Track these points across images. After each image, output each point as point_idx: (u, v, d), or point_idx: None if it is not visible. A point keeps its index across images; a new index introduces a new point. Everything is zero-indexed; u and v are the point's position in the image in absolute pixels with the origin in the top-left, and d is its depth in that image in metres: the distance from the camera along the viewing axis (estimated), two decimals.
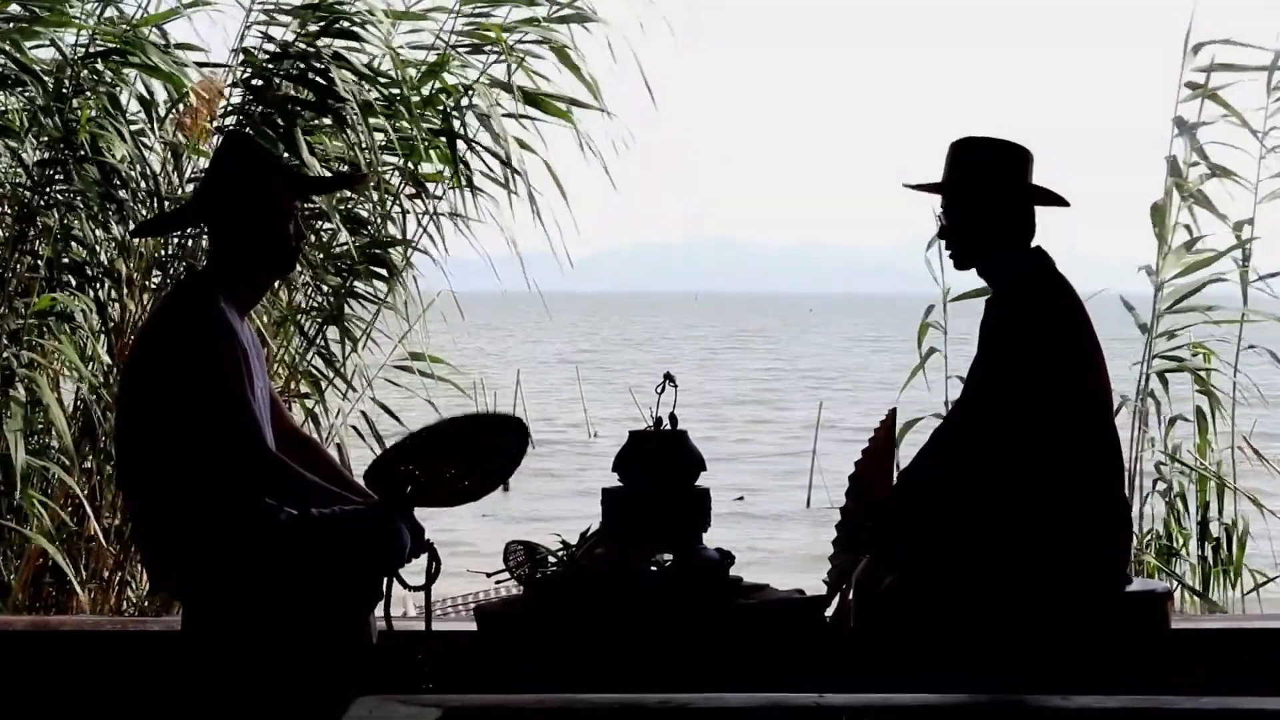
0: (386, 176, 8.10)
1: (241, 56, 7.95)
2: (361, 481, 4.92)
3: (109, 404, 7.49)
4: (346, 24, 7.88)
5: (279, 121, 7.73)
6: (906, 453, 5.23)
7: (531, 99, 8.14)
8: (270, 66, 7.88)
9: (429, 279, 8.29)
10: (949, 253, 5.05)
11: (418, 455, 4.84)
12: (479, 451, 4.91)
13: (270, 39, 7.92)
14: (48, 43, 7.75)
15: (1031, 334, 4.86)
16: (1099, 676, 4.82)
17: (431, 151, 8.09)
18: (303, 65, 7.83)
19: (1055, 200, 5.00)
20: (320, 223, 7.96)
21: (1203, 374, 8.61)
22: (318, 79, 7.77)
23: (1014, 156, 4.97)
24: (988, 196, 4.95)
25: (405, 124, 8.01)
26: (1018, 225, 4.98)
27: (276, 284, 7.35)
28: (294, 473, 4.70)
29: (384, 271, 8.15)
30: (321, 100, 7.77)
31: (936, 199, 5.07)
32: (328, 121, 7.84)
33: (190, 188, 7.73)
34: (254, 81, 7.91)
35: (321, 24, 7.89)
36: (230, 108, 7.90)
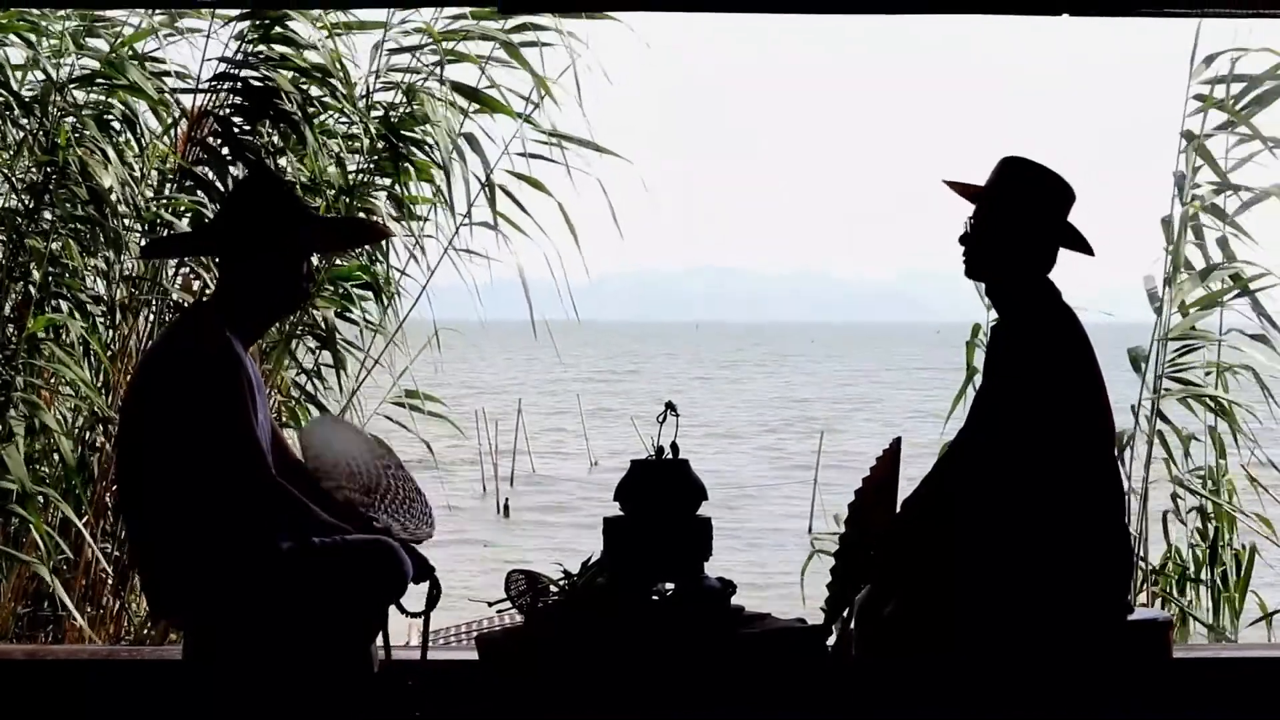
0: (371, 197, 8.11)
1: (218, 75, 7.96)
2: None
3: (106, 429, 7.48)
4: (281, 29, 7.89)
5: (253, 140, 7.78)
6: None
7: (471, 94, 8.14)
8: (241, 84, 7.90)
9: (420, 304, 8.29)
10: (964, 260, 5.06)
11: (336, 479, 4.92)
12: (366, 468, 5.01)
13: (225, 60, 7.94)
14: (30, 64, 7.77)
15: (1037, 365, 4.86)
16: (1101, 706, 4.81)
17: (415, 170, 8.10)
18: (254, 75, 7.87)
19: (1083, 247, 5.03)
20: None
21: (1209, 400, 8.54)
22: (266, 83, 7.81)
23: (1058, 191, 5.00)
24: (1023, 221, 4.96)
25: (388, 141, 8.03)
26: (1040, 257, 5.00)
27: None
28: (296, 502, 4.70)
29: (370, 294, 8.15)
30: (264, 105, 7.79)
31: (938, 222, 5.09)
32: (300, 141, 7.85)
33: (172, 209, 7.74)
34: (243, 103, 7.93)
35: (261, 30, 7.90)
36: (210, 131, 7.91)
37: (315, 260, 7.81)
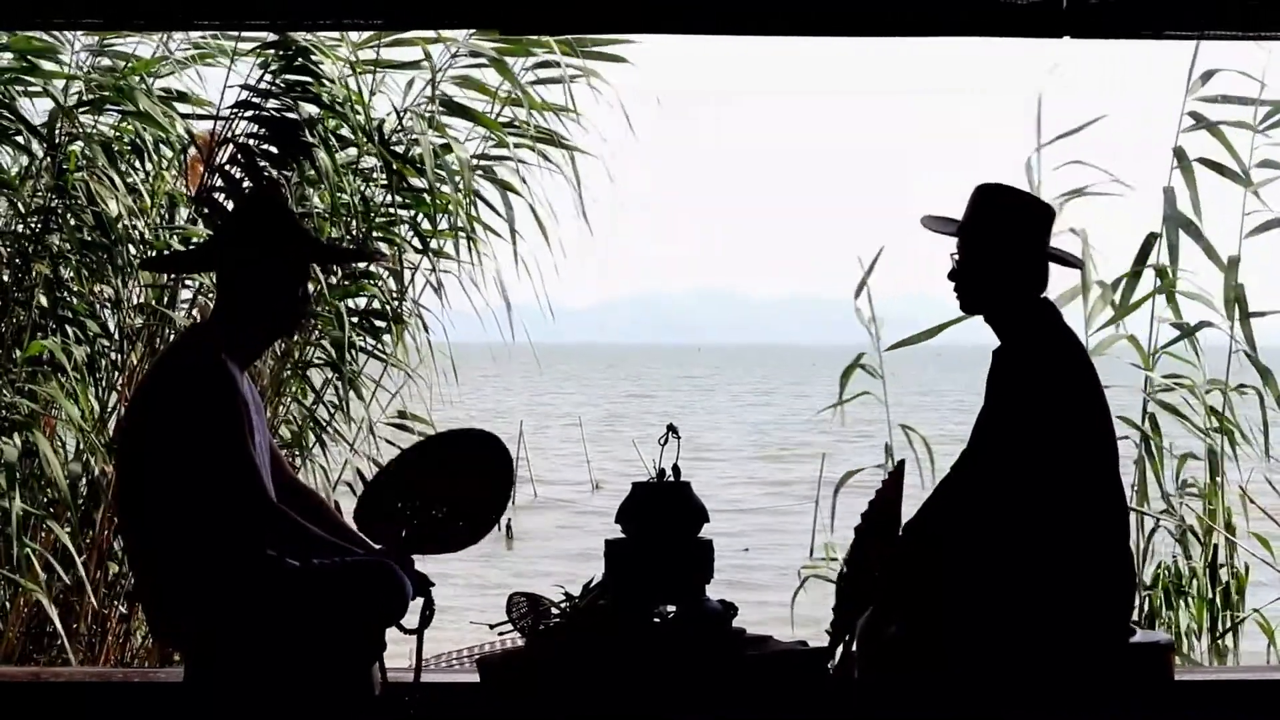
0: (394, 229, 8.12)
1: (238, 103, 7.97)
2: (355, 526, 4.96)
3: (105, 455, 7.47)
4: (302, 60, 7.90)
5: (272, 170, 7.78)
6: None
7: (458, 109, 8.16)
8: (261, 113, 7.91)
9: (431, 329, 8.30)
10: (956, 295, 5.06)
11: (404, 487, 4.92)
12: (462, 479, 4.99)
13: (247, 87, 7.94)
14: (41, 91, 7.77)
15: (1039, 387, 4.86)
16: None
17: (435, 202, 8.10)
18: (273, 104, 7.87)
19: (1069, 260, 5.03)
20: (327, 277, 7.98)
21: (1215, 415, 8.54)
22: (285, 114, 7.82)
23: (1036, 211, 4.99)
24: (1005, 249, 4.96)
25: (415, 180, 8.04)
26: (1030, 279, 4.99)
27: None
28: (295, 524, 4.70)
29: (384, 324, 8.15)
30: (284, 135, 7.80)
31: (933, 246, 5.09)
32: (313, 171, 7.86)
33: (182, 237, 7.74)
34: (261, 131, 7.93)
35: (282, 61, 7.91)
36: (226, 158, 7.91)
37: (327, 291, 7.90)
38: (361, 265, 8.07)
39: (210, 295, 7.69)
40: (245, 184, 7.85)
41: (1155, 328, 8.55)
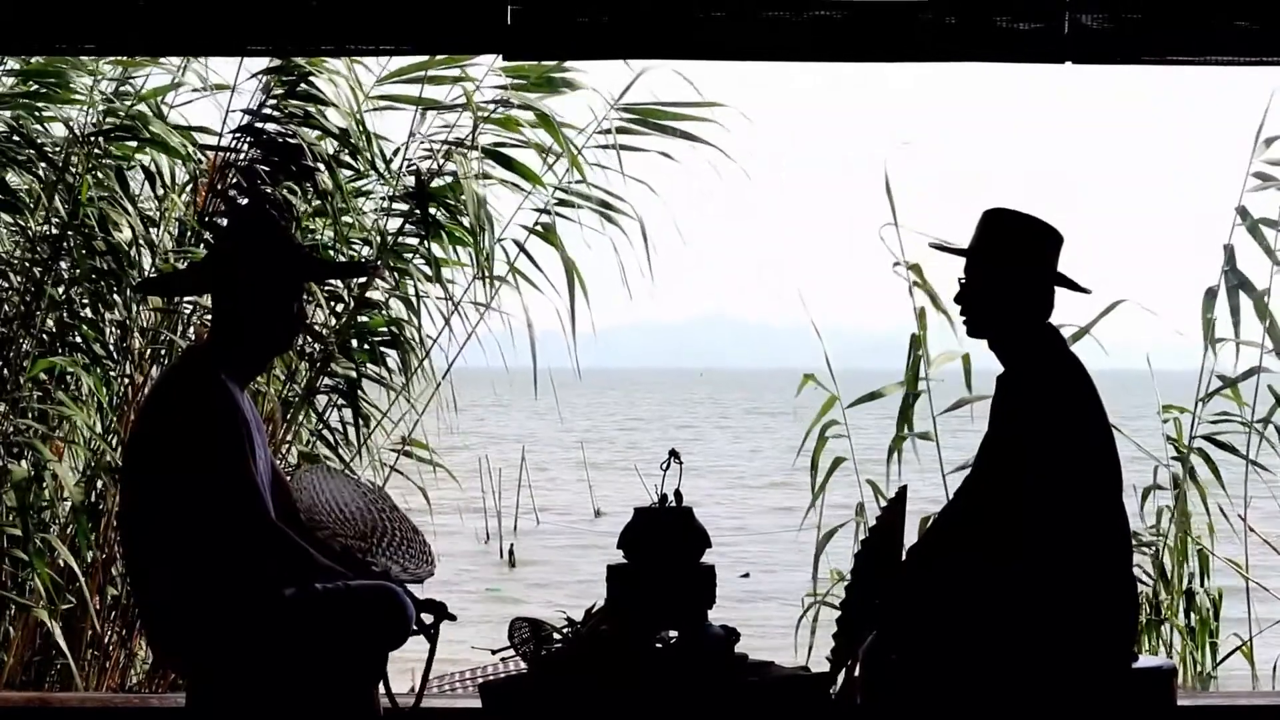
0: (403, 255, 8.12)
1: (243, 132, 7.98)
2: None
3: (113, 476, 7.48)
4: (308, 88, 7.90)
5: (279, 195, 7.79)
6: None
7: (499, 158, 8.16)
8: (264, 138, 7.91)
9: (438, 354, 8.31)
10: (962, 319, 5.06)
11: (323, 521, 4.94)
12: (345, 514, 5.01)
13: (251, 112, 7.95)
14: (54, 118, 7.79)
15: (1044, 412, 4.86)
16: None
17: (446, 235, 8.10)
18: (278, 130, 7.88)
19: (1076, 286, 5.03)
20: (333, 304, 7.98)
21: (1182, 449, 8.59)
22: (289, 140, 7.82)
23: (1044, 236, 4.99)
24: (1014, 272, 4.96)
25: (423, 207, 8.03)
26: (1037, 304, 4.99)
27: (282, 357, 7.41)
28: (297, 546, 4.70)
29: (394, 353, 8.15)
30: (290, 163, 7.80)
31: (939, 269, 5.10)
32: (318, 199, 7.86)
33: (191, 261, 7.75)
34: (265, 156, 7.94)
35: (287, 86, 7.91)
36: (231, 184, 7.92)
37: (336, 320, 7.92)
38: (372, 294, 8.07)
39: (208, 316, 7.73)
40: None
41: (1206, 378, 8.58)
